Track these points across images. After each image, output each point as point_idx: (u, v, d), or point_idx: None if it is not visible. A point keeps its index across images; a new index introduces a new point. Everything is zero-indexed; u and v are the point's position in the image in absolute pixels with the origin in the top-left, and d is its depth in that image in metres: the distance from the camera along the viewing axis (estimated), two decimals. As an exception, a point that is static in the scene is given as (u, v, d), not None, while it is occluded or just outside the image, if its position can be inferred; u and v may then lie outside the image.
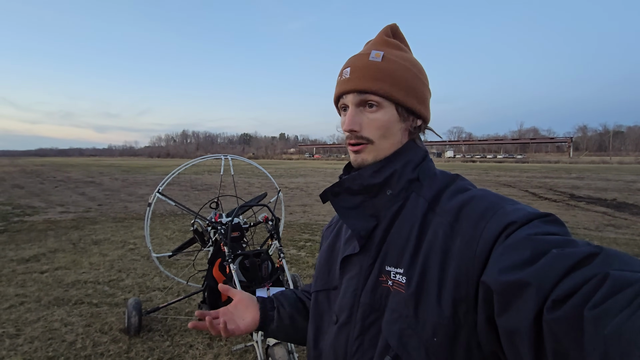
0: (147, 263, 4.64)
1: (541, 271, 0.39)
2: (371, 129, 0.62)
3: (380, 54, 0.62)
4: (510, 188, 15.37)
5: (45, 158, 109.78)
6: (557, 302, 0.36)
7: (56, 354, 2.50)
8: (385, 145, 0.63)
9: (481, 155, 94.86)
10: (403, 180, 0.62)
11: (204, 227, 2.88)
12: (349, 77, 0.63)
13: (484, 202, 0.54)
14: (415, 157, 0.64)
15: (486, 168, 37.12)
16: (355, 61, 0.63)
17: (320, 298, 0.71)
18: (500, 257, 0.45)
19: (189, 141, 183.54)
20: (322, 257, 0.76)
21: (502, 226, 0.48)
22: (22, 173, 23.61)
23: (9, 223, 7.15)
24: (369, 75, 0.61)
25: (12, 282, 3.88)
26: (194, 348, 2.63)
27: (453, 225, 0.54)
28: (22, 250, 5.18)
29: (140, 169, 30.72)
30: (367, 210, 0.63)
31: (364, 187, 0.63)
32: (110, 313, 3.16)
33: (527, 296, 0.39)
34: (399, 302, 0.54)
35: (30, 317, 3.06)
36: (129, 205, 9.79)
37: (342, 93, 0.64)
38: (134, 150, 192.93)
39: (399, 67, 0.62)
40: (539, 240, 0.43)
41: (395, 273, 0.57)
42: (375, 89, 0.60)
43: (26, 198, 11.07)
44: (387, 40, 0.66)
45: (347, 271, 0.65)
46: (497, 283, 0.42)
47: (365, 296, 0.59)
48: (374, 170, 0.62)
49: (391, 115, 0.62)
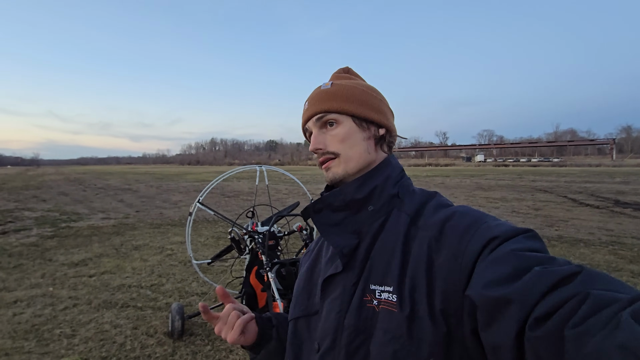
0: (185, 268, 4.83)
1: (524, 288, 0.40)
2: (334, 143, 0.66)
3: (329, 83, 0.69)
4: (547, 193, 14.64)
5: (87, 166, 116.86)
6: (538, 320, 0.37)
7: (109, 354, 2.67)
8: (352, 155, 0.65)
9: (514, 159, 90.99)
10: (385, 196, 0.63)
11: (240, 236, 2.99)
12: (307, 107, 0.69)
13: (467, 216, 0.54)
14: (394, 173, 0.66)
15: (520, 172, 35.53)
16: (311, 94, 0.71)
17: (299, 326, 0.68)
18: (484, 271, 0.45)
19: (218, 149, 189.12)
20: (300, 283, 0.74)
21: (485, 240, 0.49)
22: (67, 181, 25.30)
23: (58, 229, 7.68)
24: (321, 99, 0.67)
25: (65, 285, 4.18)
26: (234, 353, 2.72)
27: (438, 239, 0.54)
28: (71, 254, 5.55)
29: (173, 176, 32.02)
30: (350, 227, 0.63)
31: (346, 203, 0.64)
32: (154, 316, 3.33)
33: (510, 313, 0.39)
34: (391, 322, 0.53)
35: (83, 318, 3.28)
36: (164, 212, 10.23)
37: (305, 122, 0.70)
38: (166, 158, 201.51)
39: (347, 88, 0.68)
40: (521, 257, 0.43)
41: (382, 292, 0.55)
42: (327, 107, 0.66)
43: (71, 205, 11.85)
44: (337, 75, 0.74)
45: (330, 292, 0.63)
46: (481, 297, 0.43)
47: (349, 318, 0.57)
48: (355, 185, 0.64)
49: (349, 127, 0.66)
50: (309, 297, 0.69)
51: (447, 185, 19.82)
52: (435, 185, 19.88)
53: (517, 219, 8.87)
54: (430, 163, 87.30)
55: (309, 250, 0.81)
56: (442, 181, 23.56)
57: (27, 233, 7.20)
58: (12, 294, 3.88)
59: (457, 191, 16.43)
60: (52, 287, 4.08)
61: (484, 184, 20.75)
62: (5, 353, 2.68)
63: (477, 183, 21.34)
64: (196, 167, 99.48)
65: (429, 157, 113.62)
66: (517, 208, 10.66)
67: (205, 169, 68.49)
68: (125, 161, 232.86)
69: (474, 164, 79.53)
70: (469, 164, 77.24)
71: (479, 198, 13.45)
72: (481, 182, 21.77)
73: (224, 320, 0.69)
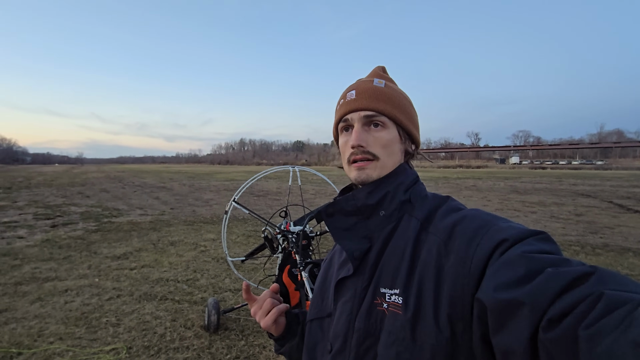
0: (218, 265, 5.00)
1: (536, 290, 0.39)
2: (377, 146, 0.65)
3: (382, 82, 0.68)
4: (590, 198, 13.76)
5: (125, 165, 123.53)
6: (552, 322, 0.36)
7: (150, 344, 2.82)
8: (389, 163, 0.66)
9: (552, 161, 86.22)
10: (395, 202, 0.64)
11: (274, 235, 3.05)
12: (355, 98, 0.67)
13: (477, 219, 0.54)
14: (407, 180, 0.66)
15: (559, 175, 33.65)
16: (359, 85, 0.69)
17: (313, 327, 0.70)
18: (495, 274, 0.45)
19: (246, 149, 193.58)
20: (316, 285, 0.76)
21: (495, 243, 0.48)
22: (107, 179, 26.88)
23: (101, 223, 8.18)
24: (375, 97, 0.66)
25: (109, 276, 4.45)
26: (267, 349, 2.78)
27: (447, 243, 0.54)
28: (114, 248, 5.90)
29: (204, 175, 33.14)
30: (361, 232, 0.64)
31: (358, 208, 0.64)
32: (190, 310, 3.47)
33: (522, 315, 0.39)
34: (395, 324, 0.53)
35: (127, 309, 3.48)
36: (197, 210, 10.61)
37: (348, 112, 0.67)
38: (197, 158, 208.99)
39: (398, 95, 0.68)
40: (533, 259, 0.42)
41: (391, 294, 0.56)
42: (382, 109, 0.65)
43: (112, 201, 12.58)
44: (383, 75, 0.73)
45: (341, 295, 0.64)
46: (492, 300, 0.42)
47: (359, 321, 0.58)
48: (367, 191, 0.64)
49: (394, 136, 0.66)
50: (323, 299, 0.71)
51: (479, 188, 19.12)
52: (467, 188, 19.24)
53: (556, 224, 8.41)
54: (460, 165, 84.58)
55: (328, 256, 0.83)
56: (474, 183, 22.76)
57: (73, 227, 7.73)
58: (63, 283, 4.18)
59: (490, 194, 15.81)
60: (98, 278, 4.36)
61: (519, 187, 19.83)
62: (60, 337, 2.89)
63: (512, 186, 20.43)
64: (226, 166, 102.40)
65: (459, 159, 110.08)
66: (557, 213, 10.10)
67: (234, 168, 70.33)
68: (159, 160, 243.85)
69: (508, 166, 76.20)
70: (503, 166, 74.08)
71: (514, 202, 12.87)
72: (516, 185, 20.82)
73: (260, 305, 0.75)
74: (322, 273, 0.77)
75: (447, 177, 30.37)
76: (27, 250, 5.67)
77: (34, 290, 3.91)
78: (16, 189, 16.97)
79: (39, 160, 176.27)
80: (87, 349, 2.73)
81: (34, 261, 5.05)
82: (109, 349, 2.73)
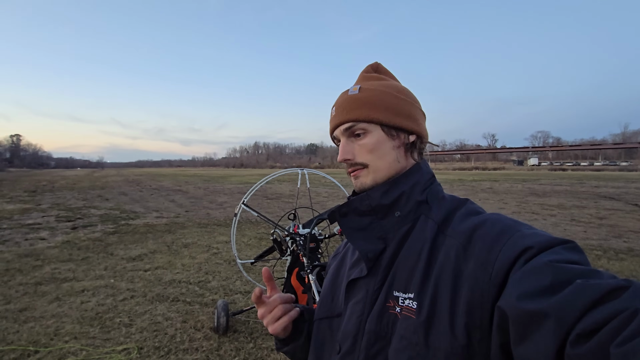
0: (229, 267, 5.04)
1: (564, 302, 0.37)
2: (363, 154, 0.65)
3: (357, 87, 0.67)
4: (614, 201, 13.23)
5: (143, 169, 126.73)
6: (581, 337, 0.34)
7: (161, 344, 2.86)
8: (381, 166, 0.64)
9: (573, 162, 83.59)
10: (411, 202, 0.62)
11: (282, 237, 3.06)
12: (334, 114, 0.68)
13: (499, 224, 0.52)
14: (422, 179, 0.65)
15: (580, 177, 32.54)
16: (338, 99, 0.69)
17: (322, 326, 0.69)
18: (519, 282, 0.43)
19: (260, 152, 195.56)
20: (326, 284, 0.75)
21: (519, 250, 0.46)
22: (126, 182, 27.62)
23: (118, 225, 8.40)
24: (349, 107, 0.65)
25: (124, 277, 4.55)
26: (276, 353, 2.77)
27: (466, 248, 0.52)
28: (129, 250, 6.04)
29: (219, 178, 33.64)
30: (375, 232, 0.63)
31: (372, 208, 0.63)
32: (201, 312, 3.50)
33: (548, 328, 0.37)
34: (407, 328, 0.52)
35: (139, 309, 3.55)
36: (211, 212, 10.76)
37: (333, 129, 0.69)
38: (213, 161, 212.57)
39: (375, 93, 0.65)
40: (561, 268, 0.40)
41: (405, 298, 0.55)
42: (355, 117, 0.64)
43: (129, 204, 12.90)
44: (366, 76, 0.71)
45: (353, 296, 0.63)
46: (515, 310, 0.41)
47: (370, 323, 0.57)
48: (382, 191, 0.62)
49: (379, 137, 0.64)
50: (333, 298, 0.69)
51: (495, 190, 18.68)
52: (483, 190, 18.84)
53: (577, 228, 8.12)
54: (477, 167, 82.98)
55: (337, 252, 0.81)
56: (490, 186, 22.26)
57: (92, 229, 7.96)
58: (80, 283, 4.31)
59: (507, 197, 15.43)
60: (113, 279, 4.46)
61: (538, 189, 19.28)
62: (74, 337, 2.97)
63: (530, 188, 19.88)
64: (240, 169, 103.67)
65: (475, 161, 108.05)
66: (578, 216, 9.75)
67: (248, 171, 71.10)
68: (176, 164, 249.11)
69: (526, 167, 74.35)
70: (521, 168, 72.30)
71: (533, 204, 12.51)
72: (535, 188, 20.25)
73: (269, 309, 0.70)
74: (332, 271, 0.75)
75: (462, 180, 29.84)
76: (48, 251, 5.87)
77: (53, 290, 4.04)
78: (40, 192, 17.66)
79: (62, 164, 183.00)
80: (100, 348, 2.79)
81: (54, 262, 5.22)
82: (120, 349, 2.78)
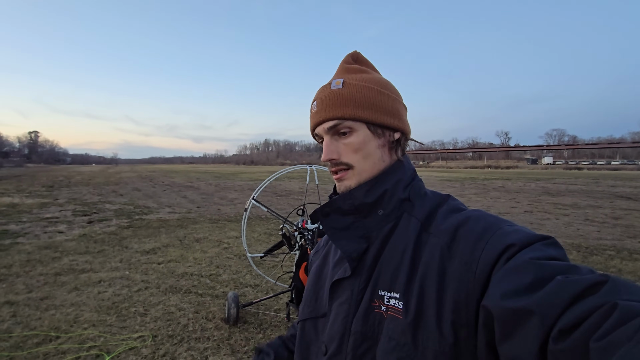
0: (239, 261, 5.15)
1: (546, 299, 0.38)
2: (348, 153, 0.62)
3: (340, 81, 0.63)
4: (630, 201, 12.92)
5: (155, 165, 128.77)
6: (563, 332, 0.35)
7: (174, 333, 2.98)
8: (367, 167, 0.62)
9: (589, 161, 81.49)
10: (394, 200, 0.62)
11: (291, 232, 3.13)
12: (316, 110, 0.65)
13: (481, 222, 0.52)
14: (405, 176, 0.64)
15: (597, 176, 31.77)
16: (319, 93, 0.65)
17: (307, 327, 0.68)
18: (502, 280, 0.43)
19: (270, 149, 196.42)
20: (309, 284, 0.73)
21: (501, 248, 0.47)
22: (139, 178, 28.17)
23: (132, 220, 8.62)
24: (333, 103, 0.62)
25: (139, 270, 4.71)
26: (283, 343, 2.85)
27: (450, 247, 0.52)
28: (143, 243, 6.21)
29: (229, 175, 34.00)
30: (358, 231, 0.62)
31: (355, 207, 0.62)
32: (212, 303, 3.61)
33: (532, 325, 0.38)
34: (395, 329, 0.52)
35: (153, 300, 3.68)
36: (222, 208, 10.93)
37: (315, 126, 0.66)
38: (223, 158, 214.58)
39: (360, 89, 0.62)
40: (542, 265, 0.41)
41: (390, 297, 0.54)
42: (341, 114, 0.61)
43: (143, 199, 13.20)
44: (348, 67, 0.67)
45: (337, 297, 0.62)
46: (499, 308, 0.41)
47: (356, 323, 0.56)
48: (365, 190, 0.61)
49: (364, 136, 0.62)
50: (317, 298, 0.69)
51: (507, 189, 18.42)
52: (495, 189, 18.60)
53: (590, 227, 7.99)
54: (489, 165, 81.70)
55: (317, 249, 0.80)
56: (502, 184, 21.96)
57: (108, 223, 8.20)
58: (97, 274, 4.47)
59: (519, 195, 15.21)
60: (128, 271, 4.62)
61: (551, 188, 18.93)
62: (93, 324, 3.11)
63: (543, 187, 19.53)
64: (250, 166, 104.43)
65: (488, 159, 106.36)
66: (592, 216, 9.58)
67: (258, 168, 71.62)
68: (188, 161, 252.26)
69: (540, 166, 72.81)
70: (535, 167, 70.88)
71: (545, 204, 12.32)
72: (549, 187, 19.88)
73: None
74: (315, 270, 0.74)
75: (474, 178, 29.47)
76: (66, 244, 6.09)
77: (71, 281, 4.21)
78: (57, 187, 18.18)
79: (78, 160, 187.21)
80: (117, 335, 2.92)
81: (72, 254, 5.42)
82: (136, 336, 2.91)
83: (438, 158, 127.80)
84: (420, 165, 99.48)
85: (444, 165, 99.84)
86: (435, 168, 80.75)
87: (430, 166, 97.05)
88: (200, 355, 2.66)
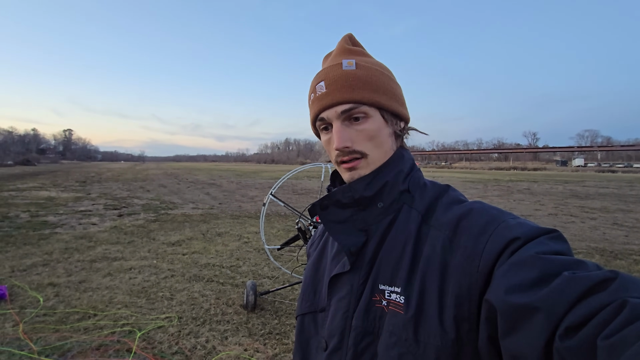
0: (258, 255, 5.39)
1: (552, 295, 0.37)
2: (362, 141, 0.58)
3: (352, 62, 0.59)
4: (665, 206, 12.25)
5: (180, 163, 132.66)
6: (570, 330, 0.34)
7: (197, 316, 3.23)
8: (379, 155, 0.59)
9: (625, 164, 77.15)
10: (395, 192, 0.59)
11: (306, 226, 3.30)
12: (326, 91, 0.58)
13: (484, 214, 0.51)
14: (405, 167, 0.61)
15: (631, 180, 30.14)
16: (328, 73, 0.59)
17: (306, 322, 0.66)
18: (506, 275, 0.42)
19: (291, 148, 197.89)
20: (307, 277, 0.70)
21: (505, 241, 0.45)
22: (165, 175, 29.27)
23: (159, 214, 9.08)
24: (349, 85, 0.57)
25: (165, 259, 5.04)
26: (297, 329, 3.04)
27: (452, 240, 0.51)
28: (169, 236, 6.58)
29: (250, 173, 34.70)
30: (357, 224, 0.59)
31: (355, 200, 0.59)
32: (232, 291, 3.85)
33: (537, 321, 0.37)
34: (396, 324, 0.50)
35: (179, 286, 3.96)
36: (243, 205, 11.28)
37: (322, 109, 0.59)
38: (245, 157, 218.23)
39: (374, 73, 0.59)
40: (548, 260, 0.40)
41: (391, 292, 0.53)
42: (359, 98, 0.57)
43: (168, 195, 13.79)
44: (352, 49, 0.62)
45: (336, 291, 0.60)
46: (503, 303, 0.40)
47: (357, 319, 0.55)
48: (366, 182, 0.58)
49: (379, 123, 0.59)
50: (315, 293, 0.66)
51: (533, 192, 17.86)
52: (519, 191, 18.07)
53: (618, 232, 7.71)
54: (515, 167, 78.95)
55: (313, 241, 0.77)
56: (527, 187, 21.27)
57: (136, 217, 8.69)
58: (128, 262, 4.83)
59: (545, 198, 14.74)
60: (156, 260, 4.96)
61: (580, 191, 18.18)
62: (125, 305, 3.41)
63: (572, 190, 18.78)
64: (271, 165, 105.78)
65: (514, 160, 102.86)
66: (621, 220, 9.20)
67: (279, 167, 72.46)
68: (211, 159, 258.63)
69: (570, 168, 69.67)
70: (564, 169, 67.90)
71: (572, 207, 11.90)
72: (577, 190, 19.09)
73: None
74: (312, 263, 0.71)
75: (497, 180, 28.67)
76: (99, 234, 6.55)
77: (105, 267, 4.58)
78: (89, 183, 19.26)
79: (108, 157, 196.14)
80: (147, 315, 3.20)
81: (104, 244, 5.84)
82: (164, 317, 3.18)
83: (461, 159, 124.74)
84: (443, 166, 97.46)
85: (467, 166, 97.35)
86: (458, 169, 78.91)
87: (453, 167, 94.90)
88: (221, 335, 2.89)
